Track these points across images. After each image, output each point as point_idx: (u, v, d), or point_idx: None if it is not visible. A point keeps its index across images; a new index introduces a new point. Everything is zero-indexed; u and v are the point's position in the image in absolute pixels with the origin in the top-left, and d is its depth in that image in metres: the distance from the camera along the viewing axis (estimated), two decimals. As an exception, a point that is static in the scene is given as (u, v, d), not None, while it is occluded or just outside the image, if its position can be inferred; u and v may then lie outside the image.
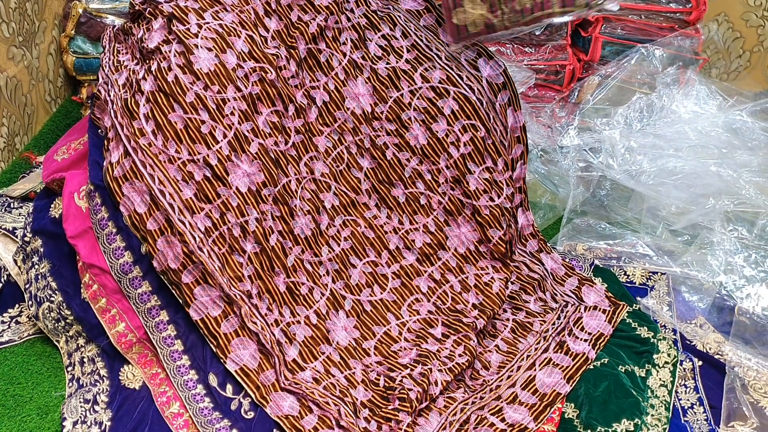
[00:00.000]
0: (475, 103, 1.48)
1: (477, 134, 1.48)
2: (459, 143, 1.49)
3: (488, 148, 1.49)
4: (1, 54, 1.89)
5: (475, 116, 1.48)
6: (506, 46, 2.25)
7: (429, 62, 1.50)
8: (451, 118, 1.48)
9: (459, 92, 1.48)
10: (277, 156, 1.39)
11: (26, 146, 2.02)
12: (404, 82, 1.49)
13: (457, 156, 1.49)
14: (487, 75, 1.49)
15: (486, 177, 1.50)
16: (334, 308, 1.39)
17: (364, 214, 1.49)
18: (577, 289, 1.57)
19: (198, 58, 1.32)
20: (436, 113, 1.49)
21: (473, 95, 1.48)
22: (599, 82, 2.13)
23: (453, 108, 1.48)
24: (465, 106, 1.48)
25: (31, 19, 2.04)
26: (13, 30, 1.94)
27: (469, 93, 1.48)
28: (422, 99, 1.49)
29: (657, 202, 1.84)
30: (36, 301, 1.41)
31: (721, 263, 1.69)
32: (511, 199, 1.52)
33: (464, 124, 1.48)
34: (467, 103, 1.48)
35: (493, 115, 1.49)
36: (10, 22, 1.92)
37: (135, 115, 1.30)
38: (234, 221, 1.29)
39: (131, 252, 1.29)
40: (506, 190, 1.51)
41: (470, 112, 1.48)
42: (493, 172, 1.50)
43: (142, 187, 1.26)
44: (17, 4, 1.95)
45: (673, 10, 2.23)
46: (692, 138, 1.93)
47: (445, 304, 1.47)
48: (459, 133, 1.49)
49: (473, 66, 1.49)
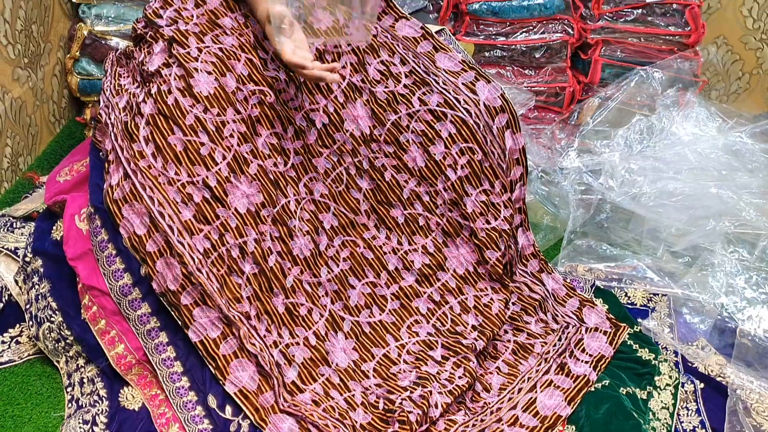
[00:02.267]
0: (472, 127, 1.48)
1: (474, 157, 1.49)
2: (456, 166, 1.49)
3: (485, 171, 1.50)
4: (6, 75, 1.91)
5: (472, 139, 1.49)
6: (506, 68, 2.27)
7: (426, 87, 1.51)
8: (449, 140, 1.49)
9: (456, 115, 1.49)
10: (276, 177, 1.40)
11: (30, 166, 2.04)
12: (402, 105, 1.50)
13: (455, 178, 1.50)
14: (485, 98, 1.50)
15: (483, 199, 1.50)
16: (333, 329, 1.39)
17: (363, 235, 1.50)
18: (578, 310, 1.57)
19: (198, 81, 1.33)
20: (434, 136, 1.49)
21: (470, 118, 1.48)
22: (599, 104, 2.14)
23: (450, 131, 1.49)
24: (462, 129, 1.49)
25: (37, 41, 2.06)
26: (19, 52, 1.96)
27: (467, 116, 1.48)
28: (420, 122, 1.50)
29: (657, 224, 1.84)
30: (36, 321, 1.41)
31: (722, 285, 1.69)
32: (510, 220, 1.52)
33: (461, 147, 1.49)
34: (464, 126, 1.49)
35: (490, 138, 1.50)
36: (16, 44, 1.94)
37: (135, 137, 1.31)
38: (233, 242, 1.30)
39: (131, 274, 1.30)
40: (504, 211, 1.51)
41: (467, 135, 1.49)
42: (491, 194, 1.50)
43: (141, 209, 1.27)
44: (23, 26, 1.98)
45: (672, 33, 2.25)
46: (692, 160, 1.94)
47: (444, 326, 1.47)
48: (456, 155, 1.49)
49: (471, 90, 1.50)
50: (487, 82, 1.51)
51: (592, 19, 2.24)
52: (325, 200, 1.47)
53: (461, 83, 1.51)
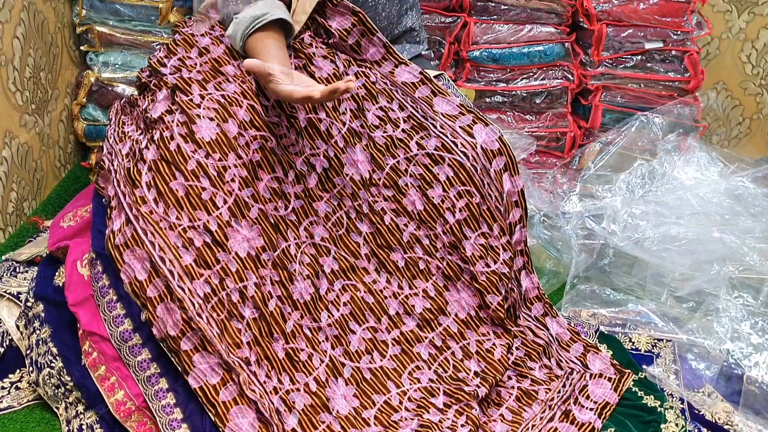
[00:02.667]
0: (469, 170, 1.49)
1: (472, 200, 1.49)
2: (455, 209, 1.50)
3: (483, 214, 1.50)
4: (13, 121, 1.93)
5: (470, 182, 1.49)
6: (507, 114, 2.29)
7: (424, 131, 1.52)
8: (447, 184, 1.50)
9: (454, 159, 1.50)
10: (276, 221, 1.41)
11: (34, 211, 2.05)
12: (400, 149, 1.51)
13: (453, 221, 1.50)
14: (482, 141, 1.51)
15: (482, 242, 1.50)
16: (333, 375, 1.38)
17: (364, 279, 1.49)
18: (583, 355, 1.56)
19: (200, 127, 1.34)
20: (432, 179, 1.50)
21: (468, 162, 1.49)
22: (600, 148, 2.16)
23: (448, 174, 1.50)
24: (460, 173, 1.49)
25: (45, 88, 2.09)
26: (27, 98, 1.99)
27: (464, 159, 1.49)
28: (418, 165, 1.51)
29: (661, 269, 1.83)
30: (36, 366, 1.41)
31: (728, 330, 1.67)
32: (510, 264, 1.52)
33: (459, 190, 1.49)
34: (462, 169, 1.49)
35: (487, 181, 1.51)
36: (24, 91, 1.97)
37: (137, 183, 1.32)
38: (233, 287, 1.30)
39: (131, 319, 1.30)
40: (503, 254, 1.51)
41: (465, 178, 1.49)
42: (489, 237, 1.50)
43: (142, 254, 1.27)
44: (32, 73, 2.01)
45: (672, 79, 2.27)
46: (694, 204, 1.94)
47: (446, 372, 1.45)
48: (454, 198, 1.50)
49: (468, 133, 1.51)
50: (484, 125, 1.52)
51: (591, 65, 2.26)
52: (326, 244, 1.48)
53: (459, 126, 1.52)
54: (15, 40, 1.91)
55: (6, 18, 1.86)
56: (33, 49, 2.01)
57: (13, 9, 1.89)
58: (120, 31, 2.16)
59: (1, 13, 1.84)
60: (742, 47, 2.47)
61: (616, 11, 2.20)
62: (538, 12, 2.22)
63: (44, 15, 2.06)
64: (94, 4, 2.14)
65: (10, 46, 1.88)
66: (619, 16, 2.20)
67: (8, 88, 1.89)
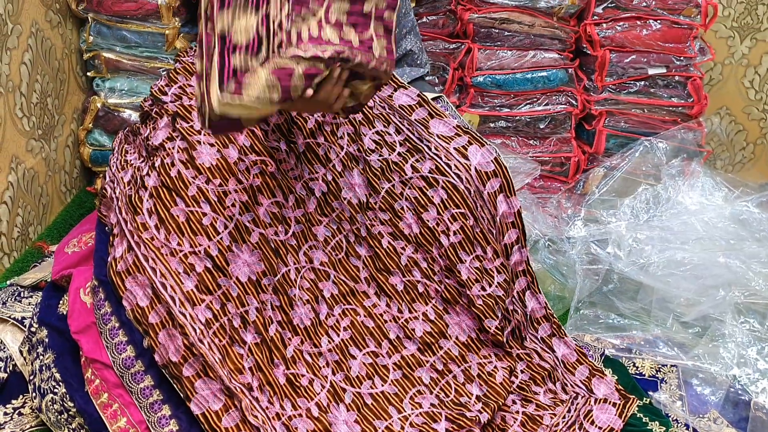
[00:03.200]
0: (463, 192, 1.49)
1: (466, 223, 1.49)
2: (449, 232, 1.49)
3: (477, 237, 1.49)
4: (20, 147, 1.95)
5: (464, 205, 1.49)
6: (511, 139, 2.30)
7: (419, 154, 1.52)
8: (441, 207, 1.50)
9: (447, 181, 1.50)
10: (277, 245, 1.41)
11: (39, 236, 2.06)
12: (396, 173, 1.51)
13: (448, 245, 1.49)
14: (477, 163, 1.51)
15: (477, 266, 1.50)
16: (334, 401, 1.37)
17: (364, 303, 1.49)
18: (588, 379, 1.54)
19: (201, 153, 1.35)
20: (426, 202, 1.50)
21: (462, 184, 1.49)
22: (604, 173, 2.16)
23: (442, 197, 1.50)
24: (453, 195, 1.49)
25: (51, 114, 2.11)
26: (34, 124, 2.01)
27: (458, 182, 1.49)
28: (413, 189, 1.51)
29: (666, 294, 1.82)
30: (39, 392, 1.40)
31: (734, 356, 1.66)
32: (504, 286, 1.51)
33: (453, 213, 1.49)
34: (455, 192, 1.49)
35: (480, 204, 1.50)
36: (30, 117, 1.99)
37: (138, 210, 1.33)
38: (234, 312, 1.30)
39: (133, 346, 1.30)
40: (497, 277, 1.50)
41: (459, 200, 1.49)
42: (483, 260, 1.50)
43: (144, 280, 1.27)
44: (39, 99, 2.03)
45: (675, 105, 2.28)
46: (699, 229, 1.94)
47: (448, 397, 1.44)
48: (449, 221, 1.49)
49: (463, 154, 1.51)
50: (480, 146, 1.52)
51: (595, 90, 2.28)
52: (325, 268, 1.48)
53: (453, 148, 1.52)
54: (22, 66, 1.93)
55: (14, 44, 1.88)
56: (40, 75, 2.03)
57: (21, 36, 1.92)
58: (127, 57, 2.18)
59: (9, 40, 1.86)
60: (744, 73, 2.47)
61: (619, 37, 2.21)
62: (541, 38, 2.24)
63: (52, 41, 2.09)
64: (102, 31, 2.16)
65: (17, 72, 1.91)
66: (623, 42, 2.22)
67: (15, 113, 1.91)
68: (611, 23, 2.22)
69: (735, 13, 2.42)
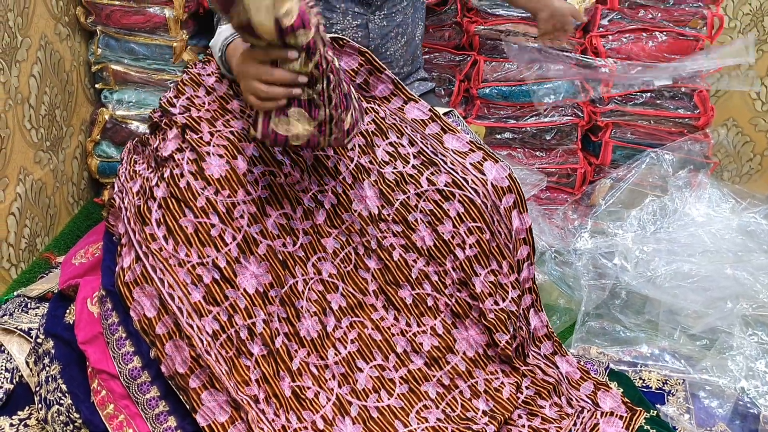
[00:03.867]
0: (480, 206, 1.49)
1: (483, 237, 1.49)
2: (465, 245, 1.49)
3: (493, 251, 1.49)
4: (28, 158, 1.96)
5: (481, 219, 1.49)
6: (517, 150, 2.30)
7: (434, 167, 1.53)
8: (457, 220, 1.50)
9: (464, 195, 1.50)
10: (284, 257, 1.41)
11: (47, 247, 2.07)
12: (411, 185, 1.51)
13: (463, 258, 1.49)
14: (493, 178, 1.52)
15: (491, 280, 1.49)
16: (340, 414, 1.37)
17: (371, 316, 1.49)
18: (593, 393, 1.54)
19: (210, 164, 1.36)
20: (442, 215, 1.50)
21: (478, 198, 1.49)
22: (611, 185, 2.16)
23: (458, 210, 1.50)
24: (470, 209, 1.49)
25: (59, 125, 2.12)
26: (42, 135, 2.02)
27: (474, 196, 1.49)
28: (429, 201, 1.51)
29: (674, 306, 1.82)
30: (46, 404, 1.40)
31: (742, 369, 1.65)
32: (518, 302, 1.51)
33: (470, 227, 1.49)
34: (472, 205, 1.49)
35: (497, 218, 1.50)
36: (39, 128, 2.00)
37: (147, 220, 1.33)
38: (241, 323, 1.30)
39: (140, 357, 1.30)
40: (512, 293, 1.50)
41: (476, 214, 1.49)
42: (499, 274, 1.50)
43: (152, 291, 1.28)
44: (47, 111, 2.04)
45: (682, 116, 2.27)
46: (707, 241, 1.93)
47: (454, 412, 1.44)
48: (464, 234, 1.49)
49: (479, 170, 1.52)
50: (494, 162, 1.53)
51: (601, 102, 2.27)
52: (334, 280, 1.47)
53: (469, 163, 1.53)
54: (31, 79, 1.94)
55: (23, 57, 1.90)
56: (49, 88, 2.04)
57: (30, 48, 1.93)
58: (134, 70, 2.20)
59: (19, 53, 1.87)
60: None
61: (626, 49, 2.21)
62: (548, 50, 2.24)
63: (60, 54, 2.10)
64: (110, 43, 2.18)
65: (26, 84, 1.92)
66: (629, 54, 2.22)
67: (24, 125, 1.92)
68: (617, 35, 2.22)
69: (741, 24, 2.42)
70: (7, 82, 1.82)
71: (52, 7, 2.05)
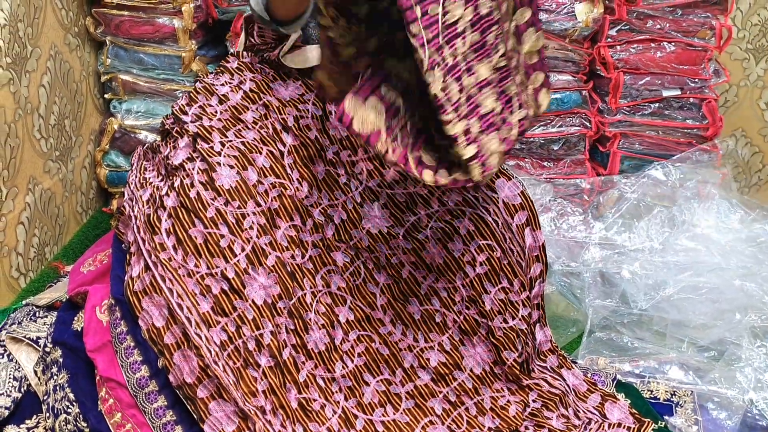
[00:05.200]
0: (491, 224, 1.48)
1: (493, 254, 1.48)
2: (475, 262, 1.48)
3: (504, 269, 1.48)
4: (37, 168, 1.97)
5: (491, 236, 1.48)
6: (525, 160, 2.29)
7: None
8: (467, 237, 1.49)
9: (475, 213, 1.49)
10: (293, 269, 1.41)
11: (55, 256, 2.07)
12: (421, 206, 1.50)
13: (473, 275, 1.48)
14: (504, 196, 1.50)
15: (501, 297, 1.48)
16: (346, 427, 1.37)
17: (379, 330, 1.48)
18: (600, 405, 1.53)
19: (220, 175, 1.36)
20: (453, 233, 1.49)
21: (489, 216, 1.48)
22: (619, 195, 2.15)
23: (469, 228, 1.49)
24: (480, 227, 1.48)
25: (69, 135, 2.14)
26: (51, 145, 2.03)
27: (485, 214, 1.48)
28: (439, 221, 1.50)
29: (682, 317, 1.81)
30: (53, 412, 1.40)
31: (751, 380, 1.64)
32: (528, 320, 1.50)
33: (480, 244, 1.48)
34: (483, 223, 1.48)
35: (509, 236, 1.49)
36: (48, 138, 2.01)
37: (156, 230, 1.34)
38: (249, 334, 1.30)
39: (148, 366, 1.30)
40: (522, 310, 1.49)
41: (486, 232, 1.48)
42: (509, 292, 1.48)
43: (160, 300, 1.28)
44: (57, 121, 2.05)
45: (690, 126, 2.27)
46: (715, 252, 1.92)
47: (460, 428, 1.43)
48: (475, 252, 1.48)
49: (490, 188, 1.51)
50: (507, 179, 1.52)
51: (609, 112, 2.27)
52: (342, 293, 1.47)
53: None
54: (41, 89, 1.96)
55: (33, 67, 1.91)
56: (58, 97, 2.05)
57: (40, 58, 1.95)
58: (143, 80, 2.21)
59: (29, 63, 1.88)
60: (760, 95, 2.46)
61: (633, 59, 2.21)
62: (555, 60, 2.24)
63: (70, 64, 2.12)
64: (119, 54, 2.19)
65: (36, 94, 1.93)
66: (637, 64, 2.22)
67: (33, 135, 1.93)
68: (625, 45, 2.22)
69: (750, 35, 2.42)
70: (17, 92, 1.83)
71: (62, 17, 2.07)
